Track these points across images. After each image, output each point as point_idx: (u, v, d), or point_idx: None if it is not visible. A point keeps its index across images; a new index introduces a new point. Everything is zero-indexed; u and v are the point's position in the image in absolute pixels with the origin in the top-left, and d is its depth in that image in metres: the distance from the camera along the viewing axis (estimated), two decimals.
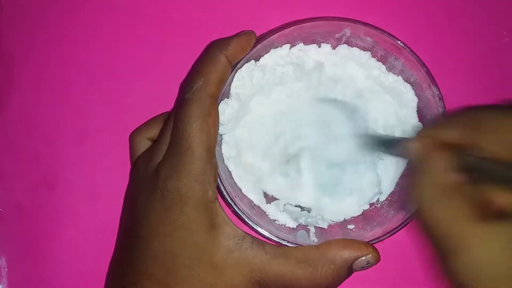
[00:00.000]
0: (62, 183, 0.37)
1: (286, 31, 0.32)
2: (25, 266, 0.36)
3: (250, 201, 0.34)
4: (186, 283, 0.28)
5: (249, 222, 0.31)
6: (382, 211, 0.34)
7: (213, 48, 0.30)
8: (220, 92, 0.30)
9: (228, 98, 0.32)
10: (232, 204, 0.31)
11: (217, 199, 0.29)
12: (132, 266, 0.29)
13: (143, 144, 0.33)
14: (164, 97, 0.37)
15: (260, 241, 0.29)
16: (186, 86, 0.29)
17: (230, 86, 0.32)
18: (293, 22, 0.33)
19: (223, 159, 0.33)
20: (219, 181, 0.30)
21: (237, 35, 0.31)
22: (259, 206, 0.34)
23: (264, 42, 0.32)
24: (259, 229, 0.31)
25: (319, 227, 0.34)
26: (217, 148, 0.30)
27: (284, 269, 0.29)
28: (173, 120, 0.29)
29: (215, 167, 0.29)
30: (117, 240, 0.34)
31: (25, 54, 0.38)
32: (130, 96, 0.37)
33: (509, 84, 0.39)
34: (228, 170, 0.33)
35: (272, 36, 0.32)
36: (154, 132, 0.33)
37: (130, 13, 0.38)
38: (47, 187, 0.37)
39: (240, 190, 0.33)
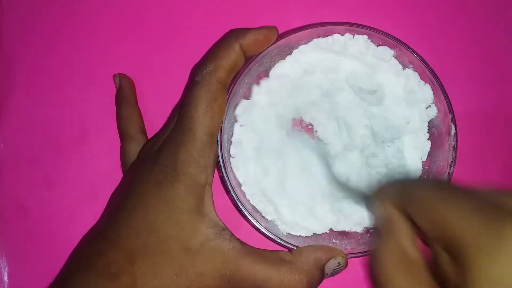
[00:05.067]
0: (62, 183, 0.37)
1: (305, 32, 0.32)
2: (26, 266, 0.36)
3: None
4: (155, 259, 0.27)
5: (241, 208, 0.31)
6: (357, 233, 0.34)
7: (229, 35, 0.30)
8: (230, 79, 0.30)
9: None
10: (232, 192, 0.31)
11: (210, 185, 0.29)
12: (103, 235, 0.29)
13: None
14: (164, 97, 0.37)
15: (238, 239, 0.29)
16: (197, 70, 0.30)
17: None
18: (314, 24, 0.32)
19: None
20: (223, 170, 0.30)
21: (257, 28, 0.31)
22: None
23: (288, 39, 0.32)
24: (249, 216, 0.31)
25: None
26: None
27: (258, 267, 0.28)
28: (180, 104, 0.30)
29: (214, 154, 0.30)
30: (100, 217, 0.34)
31: (25, 54, 0.38)
32: None
33: (508, 84, 0.39)
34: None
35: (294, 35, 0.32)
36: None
37: (131, 13, 0.38)
38: (47, 187, 0.37)
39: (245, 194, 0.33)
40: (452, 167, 0.31)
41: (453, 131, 0.31)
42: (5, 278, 0.36)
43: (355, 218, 0.34)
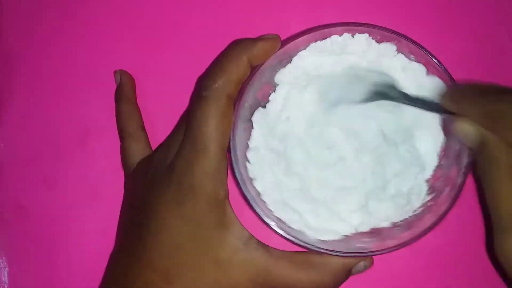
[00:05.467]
0: (62, 183, 0.37)
1: (304, 38, 0.31)
2: (26, 266, 0.36)
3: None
4: (190, 276, 0.28)
5: (259, 212, 0.30)
6: (387, 228, 0.33)
7: (236, 47, 0.30)
8: (237, 92, 0.30)
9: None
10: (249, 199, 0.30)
11: (228, 197, 0.29)
12: (136, 257, 0.29)
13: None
14: (164, 97, 0.37)
15: (265, 244, 0.29)
16: (204, 83, 0.29)
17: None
18: (311, 29, 0.32)
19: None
20: (237, 176, 0.30)
21: (262, 38, 0.30)
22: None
23: (287, 47, 0.31)
24: (269, 221, 0.30)
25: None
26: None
27: (289, 271, 0.29)
28: (187, 118, 0.29)
29: (227, 166, 0.30)
30: (118, 231, 0.34)
31: (25, 54, 0.38)
32: None
33: (507, 85, 0.39)
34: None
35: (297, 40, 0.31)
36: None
37: (131, 12, 0.38)
38: (47, 187, 0.37)
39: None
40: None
41: None
42: (5, 278, 0.36)
43: (381, 215, 0.33)
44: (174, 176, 0.29)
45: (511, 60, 0.39)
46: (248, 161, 0.32)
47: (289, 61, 0.33)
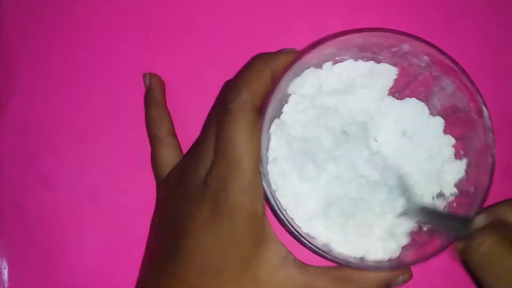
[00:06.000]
0: (62, 183, 0.37)
1: (343, 38, 0.31)
2: (26, 267, 0.36)
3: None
4: None
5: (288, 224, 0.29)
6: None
7: (259, 60, 0.30)
8: (261, 105, 0.29)
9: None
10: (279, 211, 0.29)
11: (265, 212, 0.29)
12: (170, 274, 0.29)
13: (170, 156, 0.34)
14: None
15: (301, 262, 0.29)
16: (228, 96, 0.29)
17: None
18: (350, 31, 0.32)
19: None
20: (273, 203, 0.29)
21: (282, 51, 0.31)
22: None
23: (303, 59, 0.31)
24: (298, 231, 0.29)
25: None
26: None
27: (327, 286, 0.29)
28: (216, 131, 0.29)
29: (261, 180, 0.29)
30: (149, 244, 0.34)
31: (25, 54, 0.38)
32: (130, 96, 0.37)
33: (507, 85, 0.39)
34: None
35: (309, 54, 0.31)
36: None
37: (131, 13, 0.38)
38: (47, 187, 0.37)
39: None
40: (493, 148, 0.31)
41: (485, 112, 0.31)
42: (5, 278, 0.36)
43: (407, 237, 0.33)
44: (208, 194, 0.28)
45: (511, 60, 0.39)
46: (268, 173, 0.31)
47: (302, 72, 0.33)
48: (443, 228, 0.30)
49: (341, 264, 0.29)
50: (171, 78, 0.37)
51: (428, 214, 0.31)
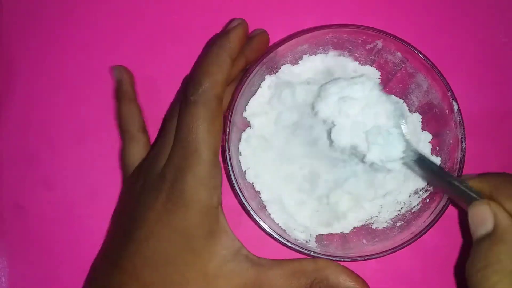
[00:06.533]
0: (62, 183, 0.37)
1: (315, 33, 0.32)
2: (25, 267, 0.36)
3: (260, 200, 0.33)
4: None
5: (252, 214, 0.30)
6: (385, 228, 0.33)
7: (214, 47, 0.29)
8: (224, 92, 0.29)
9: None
10: (240, 195, 0.30)
11: (221, 204, 0.29)
12: (119, 267, 0.28)
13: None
14: (162, 97, 0.37)
15: (255, 256, 0.29)
16: (190, 88, 0.28)
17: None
18: (322, 26, 0.32)
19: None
20: (231, 172, 0.29)
21: (230, 28, 0.30)
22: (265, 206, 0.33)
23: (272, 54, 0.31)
24: (262, 223, 0.30)
25: (320, 234, 0.33)
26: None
27: (279, 281, 0.28)
28: (176, 122, 0.29)
29: (220, 171, 0.29)
30: (106, 238, 0.34)
31: (25, 54, 0.38)
32: None
33: (507, 85, 0.39)
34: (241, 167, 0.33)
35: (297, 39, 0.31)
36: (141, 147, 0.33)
37: (131, 13, 0.38)
38: (47, 187, 0.37)
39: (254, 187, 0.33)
40: (463, 143, 0.31)
41: (455, 107, 0.31)
42: (5, 278, 0.36)
43: (379, 214, 0.33)
44: (165, 183, 0.28)
45: (511, 60, 0.39)
46: (240, 154, 0.32)
47: (278, 69, 0.34)
48: (438, 182, 0.30)
49: (301, 253, 0.29)
50: (171, 78, 0.37)
51: (424, 163, 0.30)
